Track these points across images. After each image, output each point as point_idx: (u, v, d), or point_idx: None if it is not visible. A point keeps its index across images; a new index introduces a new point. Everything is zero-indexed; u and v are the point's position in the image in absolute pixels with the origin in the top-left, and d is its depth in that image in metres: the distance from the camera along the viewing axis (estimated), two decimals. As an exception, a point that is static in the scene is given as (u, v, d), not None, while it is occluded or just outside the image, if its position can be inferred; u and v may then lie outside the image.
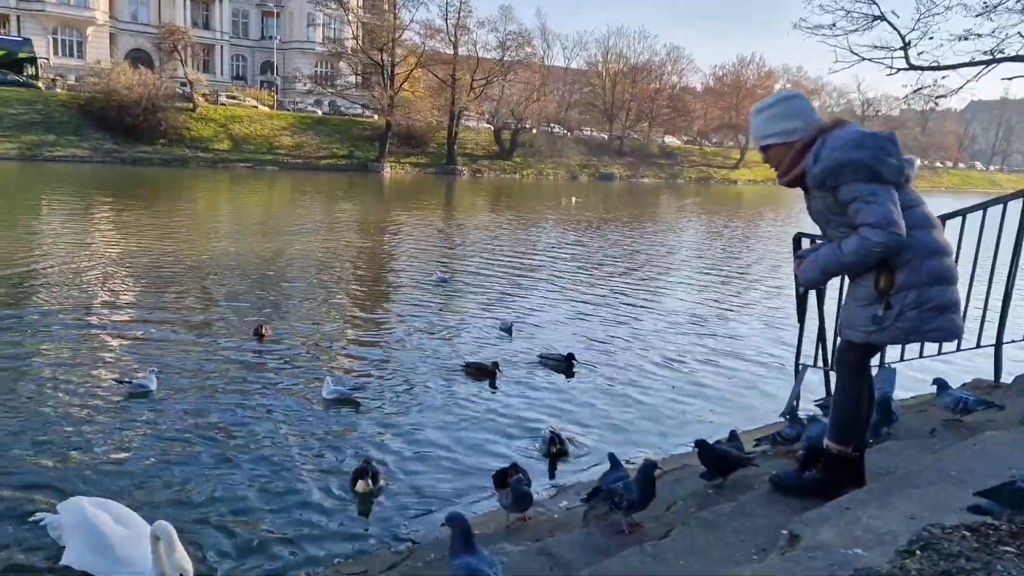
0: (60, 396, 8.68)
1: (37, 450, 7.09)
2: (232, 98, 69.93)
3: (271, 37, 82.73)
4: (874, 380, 4.20)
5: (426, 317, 13.70)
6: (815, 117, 3.78)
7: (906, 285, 3.57)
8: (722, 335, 13.62)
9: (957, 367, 8.56)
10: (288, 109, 74.43)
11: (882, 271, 3.61)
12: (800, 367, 6.97)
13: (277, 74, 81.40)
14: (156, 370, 9.06)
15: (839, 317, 4.02)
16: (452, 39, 74.38)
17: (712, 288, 18.95)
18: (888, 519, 2.95)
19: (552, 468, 7.44)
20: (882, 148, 3.50)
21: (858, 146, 3.48)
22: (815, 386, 7.23)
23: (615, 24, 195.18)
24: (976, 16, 10.98)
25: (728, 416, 8.87)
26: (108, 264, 17.10)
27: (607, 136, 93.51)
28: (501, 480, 5.41)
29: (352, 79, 79.76)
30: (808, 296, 6.22)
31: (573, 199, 50.01)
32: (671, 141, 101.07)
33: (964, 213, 6.20)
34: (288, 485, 6.68)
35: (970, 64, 12.03)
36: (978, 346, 6.41)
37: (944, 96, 12.37)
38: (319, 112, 75.72)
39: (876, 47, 11.63)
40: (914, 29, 11.99)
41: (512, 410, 9.08)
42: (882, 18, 12.36)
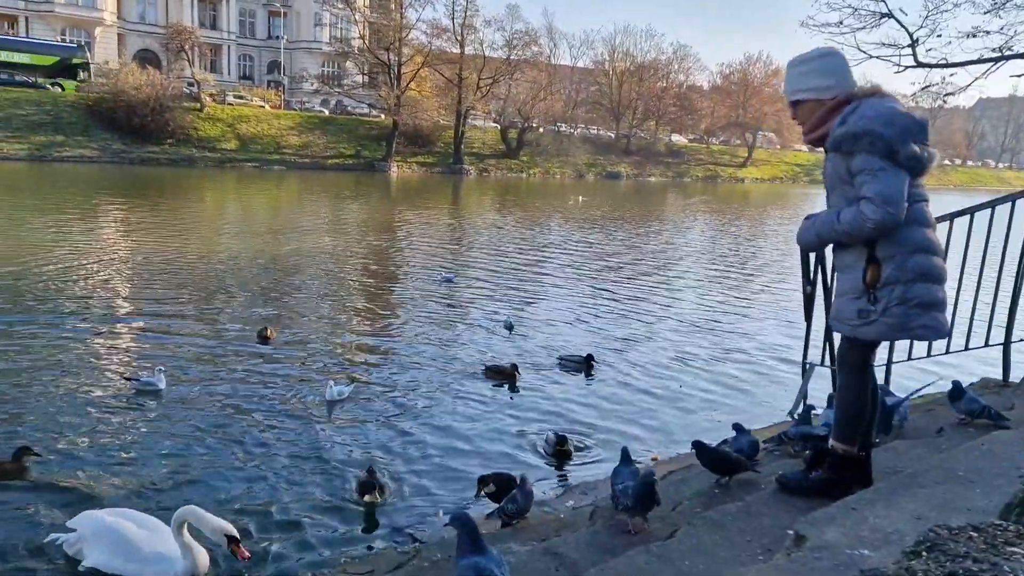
0: (69, 395, 8.72)
1: (47, 451, 7.09)
2: (239, 98, 70.13)
3: (278, 37, 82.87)
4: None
5: (432, 317, 13.71)
6: (851, 79, 3.75)
7: (892, 280, 3.56)
8: (729, 334, 13.59)
9: (965, 366, 8.53)
10: (295, 109, 74.60)
11: (870, 264, 3.61)
12: (807, 366, 6.94)
13: (284, 74, 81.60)
14: (164, 369, 9.08)
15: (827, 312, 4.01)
16: (459, 38, 74.44)
17: (719, 287, 18.92)
18: (895, 519, 2.94)
19: (558, 468, 7.43)
20: (908, 131, 3.46)
21: (888, 122, 3.44)
22: (824, 385, 7.21)
23: (621, 23, 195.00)
24: (984, 13, 10.94)
25: (735, 415, 8.83)
26: (116, 264, 17.18)
27: (614, 135, 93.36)
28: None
29: (359, 78, 79.90)
30: (815, 295, 6.21)
31: (580, 198, 49.89)
32: (678, 139, 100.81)
33: (972, 211, 6.18)
34: (294, 486, 6.69)
35: (978, 61, 11.97)
36: (986, 345, 6.38)
37: (952, 94, 12.34)
38: (326, 112, 75.88)
39: (883, 45, 11.60)
40: (922, 26, 11.95)
41: (519, 410, 9.07)
42: (890, 15, 12.31)
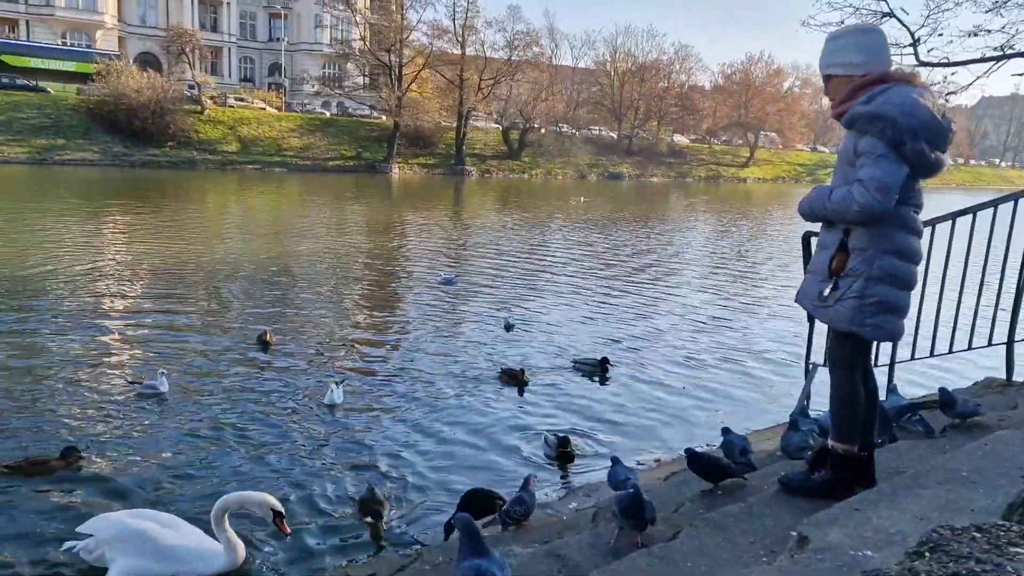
0: (72, 398, 8.77)
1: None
2: (240, 100, 70.21)
3: (278, 39, 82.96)
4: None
5: (433, 319, 13.72)
6: (884, 58, 3.71)
7: (855, 272, 3.59)
8: (733, 335, 13.59)
9: (968, 366, 8.53)
10: (296, 111, 74.77)
11: (839, 251, 3.63)
12: (811, 366, 6.93)
13: (285, 76, 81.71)
14: (166, 372, 9.09)
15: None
16: (460, 39, 74.49)
17: (722, 287, 18.91)
18: (897, 520, 2.93)
19: (561, 470, 7.43)
20: (926, 128, 3.42)
21: (907, 113, 3.39)
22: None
23: (623, 23, 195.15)
24: (986, 12, 10.94)
25: (738, 416, 8.83)
26: (118, 267, 17.20)
27: (616, 135, 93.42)
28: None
29: (360, 80, 79.99)
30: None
31: (581, 199, 50.04)
32: (680, 140, 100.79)
33: (975, 211, 6.17)
34: (297, 488, 6.70)
35: (980, 60, 11.96)
36: (989, 344, 6.37)
37: (954, 92, 12.30)
38: (327, 113, 76.02)
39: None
40: (923, 25, 11.94)
41: (522, 412, 9.08)
42: (891, 15, 12.30)
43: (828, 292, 3.68)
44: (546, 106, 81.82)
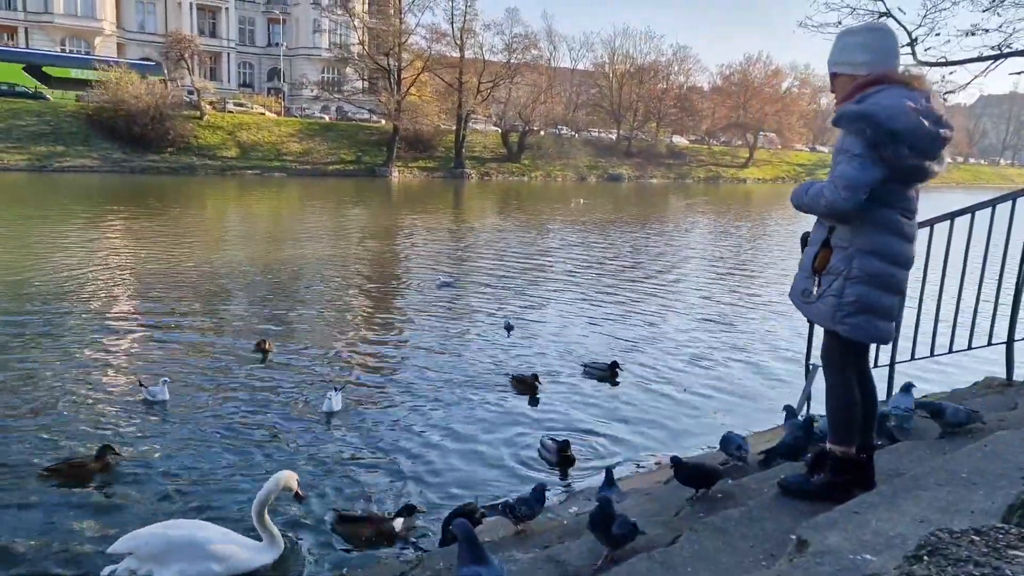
0: (73, 406, 8.76)
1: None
2: (239, 105, 70.16)
3: (277, 44, 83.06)
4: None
5: (433, 324, 13.69)
6: (892, 59, 3.67)
7: (835, 270, 3.61)
8: (734, 336, 13.57)
9: (968, 366, 8.51)
10: (295, 115, 74.75)
11: (822, 248, 3.66)
12: (811, 367, 6.92)
13: (284, 81, 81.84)
14: (168, 380, 9.04)
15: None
16: (458, 43, 74.44)
17: (722, 288, 18.90)
18: (897, 523, 2.93)
19: (562, 474, 7.41)
20: (908, 133, 3.38)
21: (892, 116, 3.37)
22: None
23: (621, 25, 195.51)
24: (983, 11, 10.93)
25: (738, 418, 8.83)
26: (118, 273, 17.18)
27: (615, 137, 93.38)
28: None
29: (359, 84, 80.00)
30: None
31: (580, 200, 50.03)
32: (679, 141, 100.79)
33: (973, 210, 6.17)
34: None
35: (978, 59, 11.95)
36: (989, 344, 6.36)
37: (952, 92, 12.29)
38: (326, 118, 76.07)
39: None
40: (920, 25, 11.94)
41: (522, 417, 9.06)
42: (888, 14, 12.30)
43: (813, 289, 3.71)
44: (545, 108, 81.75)
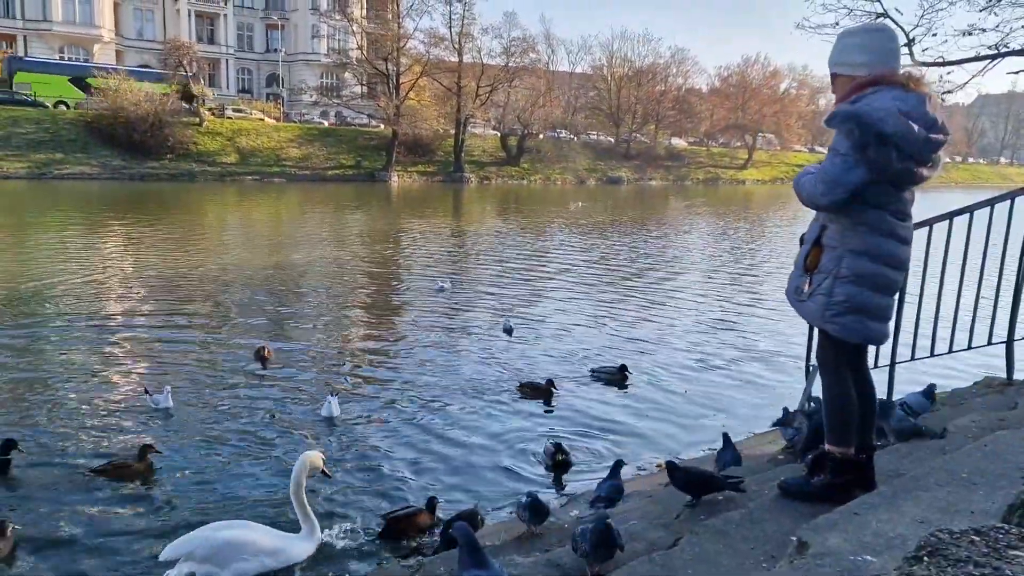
0: (76, 412, 8.75)
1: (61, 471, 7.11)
2: (238, 111, 70.21)
3: (276, 50, 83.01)
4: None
5: (433, 328, 13.65)
6: (892, 60, 3.65)
7: (825, 270, 3.63)
8: (735, 336, 13.56)
9: (968, 365, 8.51)
10: (294, 121, 74.75)
11: (814, 246, 3.68)
12: (811, 368, 6.91)
13: (283, 86, 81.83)
14: (170, 388, 8.98)
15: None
16: (456, 47, 74.45)
17: (723, 289, 18.90)
18: (897, 523, 2.93)
19: (557, 479, 7.36)
20: (897, 136, 3.36)
21: (881, 119, 3.35)
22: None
23: (619, 28, 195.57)
24: (980, 11, 10.95)
25: (739, 420, 8.82)
26: (117, 281, 17.19)
27: (613, 140, 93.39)
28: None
29: (357, 89, 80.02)
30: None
31: (580, 204, 50.05)
32: (677, 143, 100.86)
33: (972, 209, 6.17)
34: (278, 507, 6.61)
35: (975, 59, 11.97)
36: (989, 343, 6.36)
37: (950, 92, 12.30)
38: (325, 123, 76.08)
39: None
40: (918, 25, 11.96)
41: (524, 421, 9.04)
42: (885, 15, 12.32)
43: (805, 287, 3.72)
44: (544, 112, 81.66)
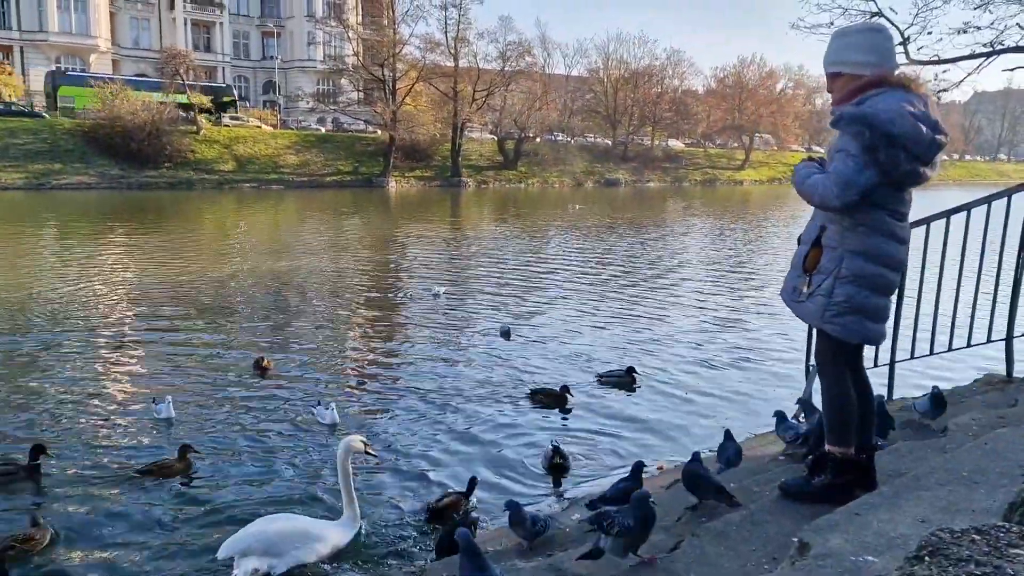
0: (78, 419, 8.77)
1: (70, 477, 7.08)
2: (235, 119, 70.05)
3: (272, 57, 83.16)
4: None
5: (431, 333, 13.69)
6: (893, 60, 3.68)
7: (825, 270, 3.63)
8: (735, 338, 13.57)
9: (967, 363, 8.50)
10: (291, 128, 74.73)
11: (813, 247, 3.67)
12: (811, 368, 6.90)
13: (279, 93, 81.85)
14: (170, 399, 8.96)
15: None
16: (452, 52, 74.51)
17: (721, 291, 18.91)
18: (898, 523, 2.92)
19: (555, 482, 7.37)
20: (904, 138, 3.38)
21: (890, 120, 3.36)
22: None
23: (614, 30, 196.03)
24: (975, 9, 10.95)
25: (740, 420, 8.80)
26: (116, 289, 17.18)
27: (611, 142, 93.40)
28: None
29: (354, 95, 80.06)
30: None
31: (577, 206, 50.14)
32: (675, 144, 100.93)
33: (969, 207, 6.16)
34: (302, 505, 6.68)
35: (970, 57, 11.97)
36: (988, 341, 6.35)
37: (946, 90, 12.31)
38: (322, 130, 76.10)
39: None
40: (912, 24, 11.97)
41: (521, 427, 9.05)
42: (880, 14, 12.32)
43: (804, 288, 3.72)
44: (540, 115, 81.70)
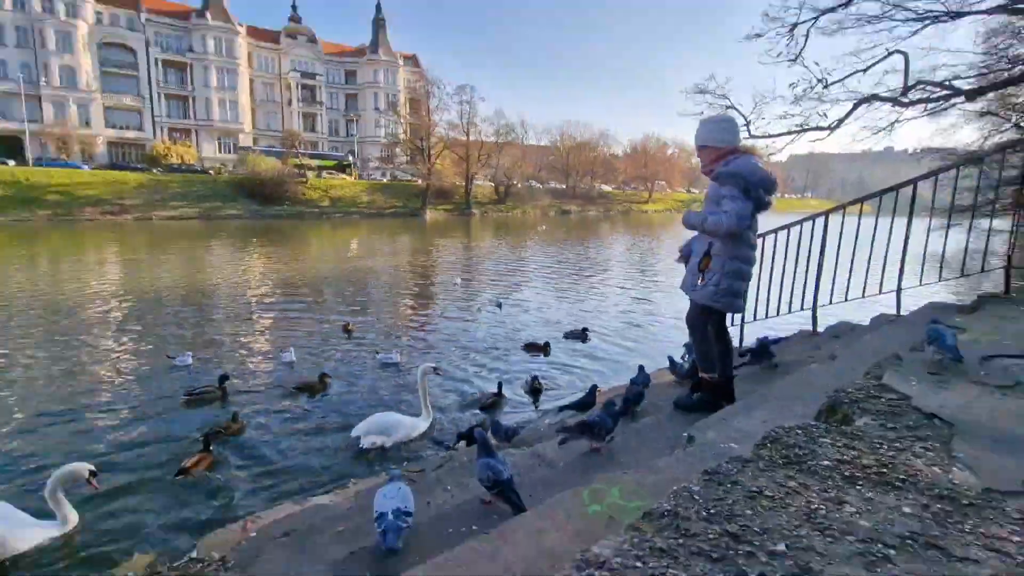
0: (239, 361, 8.48)
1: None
2: (330, 174, 69.49)
3: (352, 135, 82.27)
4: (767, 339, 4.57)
5: (453, 306, 13.60)
6: (738, 137, 3.71)
7: (713, 270, 3.63)
8: (645, 309, 13.54)
9: (790, 322, 8.49)
10: (364, 179, 73.92)
11: (705, 256, 3.65)
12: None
13: (357, 157, 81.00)
14: (293, 349, 8.80)
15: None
16: (465, 130, 73.85)
17: (636, 279, 18.87)
18: (750, 423, 2.90)
19: (535, 400, 7.31)
20: (763, 181, 3.49)
21: (751, 172, 3.46)
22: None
23: (567, 116, 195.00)
24: (790, 104, 10.92)
25: (649, 360, 8.77)
26: (256, 280, 16.99)
27: (565, 186, 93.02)
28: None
29: (404, 158, 79.35)
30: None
31: (544, 227, 50.09)
32: (605, 188, 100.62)
33: (788, 227, 6.17)
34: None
35: (788, 133, 11.91)
36: (802, 309, 6.36)
37: (773, 154, 12.27)
38: (384, 180, 75.19)
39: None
40: (753, 112, 11.90)
41: (513, 362, 8.98)
42: (732, 107, 12.25)
43: (699, 282, 3.69)
44: (521, 170, 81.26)
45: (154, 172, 56.92)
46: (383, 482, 3.16)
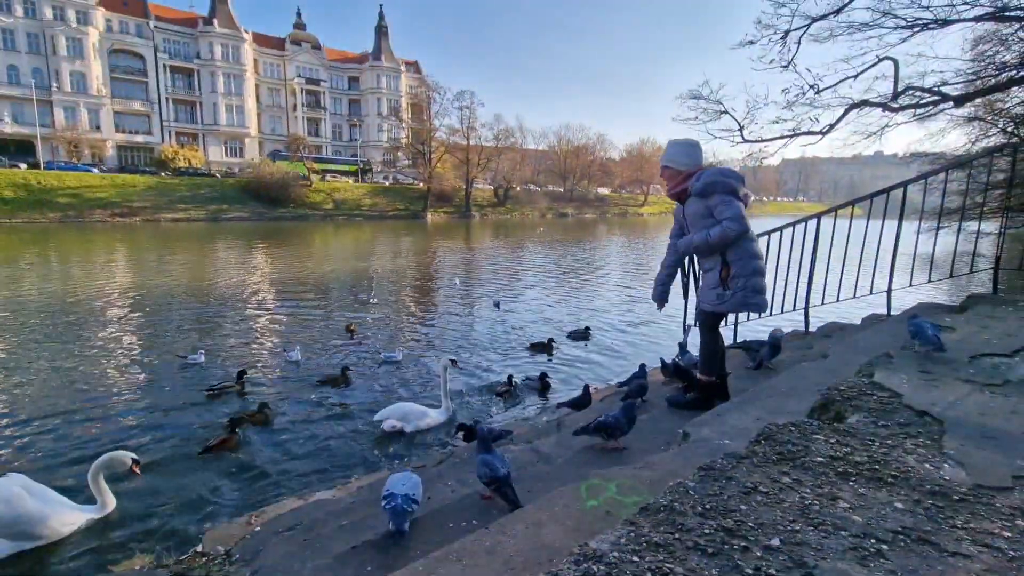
0: (251, 357, 8.39)
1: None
2: (333, 177, 69.48)
3: (355, 139, 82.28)
4: (771, 335, 4.57)
5: (453, 305, 13.56)
6: (701, 159, 3.74)
7: (737, 276, 3.58)
8: (642, 309, 13.50)
9: (782, 322, 8.47)
10: (367, 182, 73.93)
11: (723, 267, 3.61)
12: (687, 327, 6.87)
13: (360, 160, 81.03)
14: (298, 347, 8.69)
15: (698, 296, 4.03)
16: (465, 135, 73.84)
17: (633, 280, 18.85)
18: (744, 420, 2.89)
19: (542, 396, 7.29)
20: (738, 179, 3.56)
21: (723, 175, 3.52)
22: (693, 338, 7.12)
23: (565, 120, 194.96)
24: (783, 108, 10.89)
25: (648, 359, 8.77)
26: (261, 279, 16.93)
27: (562, 189, 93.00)
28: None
29: (406, 162, 79.35)
30: (689, 283, 6.13)
31: (542, 229, 50.11)
32: (602, 191, 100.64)
33: (781, 229, 6.16)
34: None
35: (780, 138, 11.89)
36: (794, 309, 6.35)
37: (766, 157, 12.24)
38: (387, 183, 75.15)
39: (723, 130, 11.48)
40: (746, 117, 11.86)
41: (521, 357, 8.95)
42: (726, 112, 12.24)
43: (723, 292, 3.64)
44: (519, 173, 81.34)
45: (162, 175, 57.03)
46: (393, 472, 3.17)
